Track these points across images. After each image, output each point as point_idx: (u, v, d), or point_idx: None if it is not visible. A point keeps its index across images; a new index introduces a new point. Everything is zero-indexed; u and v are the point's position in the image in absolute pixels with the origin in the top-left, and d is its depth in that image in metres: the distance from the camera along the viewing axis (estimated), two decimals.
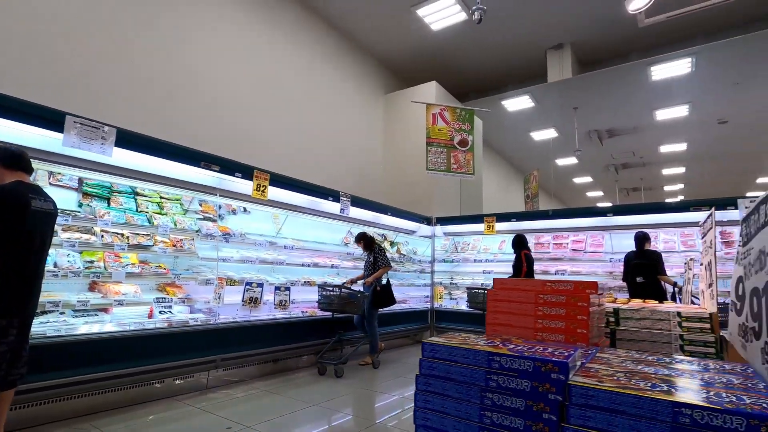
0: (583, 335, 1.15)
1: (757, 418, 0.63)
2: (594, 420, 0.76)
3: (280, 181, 4.87)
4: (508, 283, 1.32)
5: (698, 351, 1.35)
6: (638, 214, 6.28)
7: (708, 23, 7.81)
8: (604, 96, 9.63)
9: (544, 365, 0.84)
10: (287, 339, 4.64)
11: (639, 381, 0.81)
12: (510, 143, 13.24)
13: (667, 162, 13.98)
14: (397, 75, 9.77)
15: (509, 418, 0.84)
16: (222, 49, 6.00)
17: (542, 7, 7.40)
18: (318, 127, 7.55)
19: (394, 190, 8.75)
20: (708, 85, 8.94)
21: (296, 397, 3.70)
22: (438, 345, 0.99)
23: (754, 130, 10.95)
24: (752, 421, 0.63)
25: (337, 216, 5.75)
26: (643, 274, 5.13)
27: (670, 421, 0.69)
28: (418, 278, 7.60)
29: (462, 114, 6.91)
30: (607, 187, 17.33)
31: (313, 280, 5.29)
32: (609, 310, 1.54)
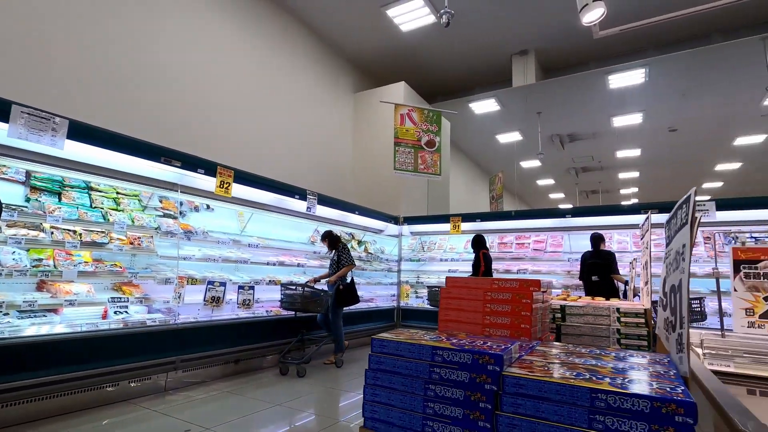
0: (527, 330, 1.23)
1: (659, 401, 0.70)
2: (524, 407, 0.82)
3: (246, 178, 4.79)
4: (459, 282, 1.38)
5: (633, 344, 1.46)
6: (595, 215, 6.59)
7: (659, 37, 8.30)
8: (566, 102, 10.03)
9: (481, 357, 0.89)
10: (250, 339, 4.58)
11: (566, 371, 0.88)
12: (476, 145, 13.54)
13: (623, 166, 14.71)
14: (366, 74, 9.79)
15: (450, 407, 0.89)
16: (187, 42, 5.83)
17: (508, 13, 7.62)
18: (286, 124, 7.46)
19: (362, 189, 8.78)
20: (659, 95, 9.49)
21: (258, 398, 3.66)
22: (386, 341, 1.03)
23: (700, 139, 11.71)
24: (655, 403, 0.70)
25: (304, 214, 5.72)
26: (598, 273, 5.40)
27: (588, 406, 0.76)
28: (385, 277, 7.66)
29: (430, 115, 7.02)
30: (568, 190, 18.04)
31: (279, 279, 5.23)
32: (556, 306, 1.63)
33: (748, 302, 1.88)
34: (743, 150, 12.25)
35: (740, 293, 1.90)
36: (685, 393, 0.75)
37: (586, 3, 3.16)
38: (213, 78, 6.18)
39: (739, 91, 8.99)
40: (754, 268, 1.90)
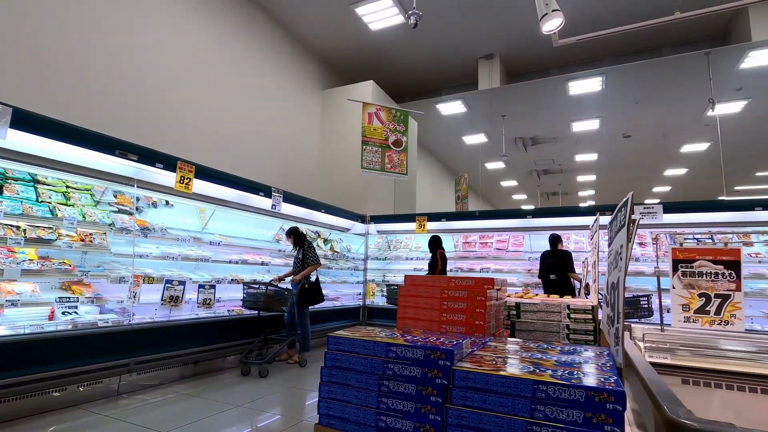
0: (481, 326, 1.27)
1: (593, 390, 0.75)
2: (472, 399, 0.85)
3: (208, 173, 4.66)
4: (417, 280, 1.41)
5: (580, 339, 1.54)
6: (554, 216, 6.85)
7: (615, 48, 8.74)
8: (529, 106, 10.37)
9: (433, 353, 0.92)
10: (211, 339, 4.46)
11: (512, 364, 0.92)
12: (443, 145, 13.75)
13: (581, 170, 15.37)
14: (335, 71, 9.73)
15: (402, 402, 0.92)
16: (148, 32, 5.58)
17: (474, 18, 7.79)
18: (252, 119, 7.30)
19: (329, 187, 8.72)
20: (615, 103, 9.98)
21: (219, 399, 3.57)
22: (342, 338, 1.05)
23: (651, 145, 12.41)
24: (590, 393, 0.75)
25: (269, 212, 5.62)
26: (555, 272, 5.63)
27: (531, 396, 0.80)
28: (352, 275, 7.65)
29: (397, 115, 7.07)
30: (530, 191, 18.64)
31: (242, 278, 5.13)
32: (511, 304, 1.70)
33: (684, 299, 2.04)
34: (689, 157, 13.08)
35: (678, 290, 2.05)
36: (617, 383, 0.81)
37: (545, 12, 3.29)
38: (175, 70, 5.96)
39: (686, 101, 9.60)
40: (690, 267, 2.05)
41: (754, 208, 5.63)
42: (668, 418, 0.88)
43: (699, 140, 11.74)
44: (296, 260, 5.13)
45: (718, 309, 1.97)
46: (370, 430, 0.92)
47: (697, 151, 12.44)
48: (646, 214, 5.92)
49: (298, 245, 5.16)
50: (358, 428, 0.94)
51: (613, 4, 7.30)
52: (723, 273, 1.99)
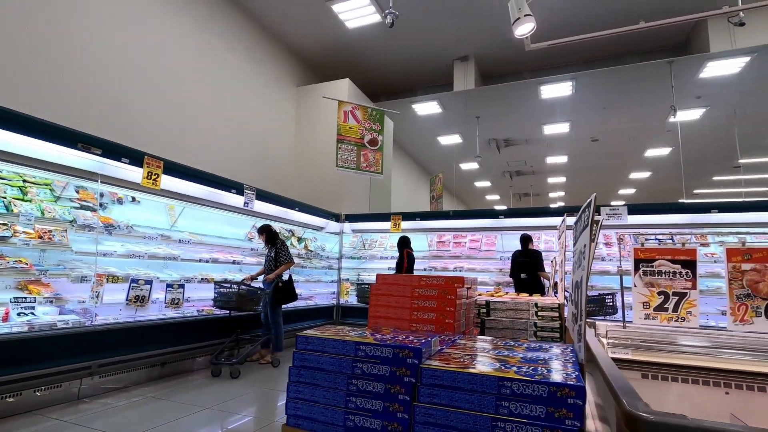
0: (450, 324, 1.29)
1: (555, 386, 0.78)
2: (439, 397, 0.86)
3: (177, 169, 4.53)
4: (389, 279, 1.41)
5: (547, 336, 1.59)
6: (526, 217, 7.02)
7: (585, 54, 9.03)
8: (503, 108, 10.57)
9: (401, 351, 0.93)
10: (179, 340, 4.34)
11: (479, 362, 0.94)
12: (418, 145, 13.84)
13: (552, 172, 15.79)
14: (310, 68, 9.63)
15: (370, 401, 0.92)
16: (116, 19, 5.36)
17: (450, 20, 7.88)
18: (224, 114, 7.13)
19: (304, 186, 8.63)
20: (584, 107, 10.31)
21: (187, 402, 3.48)
22: (311, 337, 1.04)
23: (617, 149, 12.88)
24: (552, 388, 0.78)
25: (241, 210, 5.52)
26: (526, 271, 5.77)
27: (496, 393, 0.82)
28: (326, 274, 7.60)
29: (373, 114, 7.07)
30: (502, 192, 19.01)
31: (212, 277, 5.01)
32: (482, 302, 1.73)
33: (645, 296, 2.13)
34: (652, 161, 13.65)
35: (639, 288, 2.15)
36: (578, 378, 0.83)
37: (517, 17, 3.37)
38: (144, 62, 5.75)
39: (650, 107, 10.01)
40: (650, 266, 2.15)
41: (710, 211, 5.94)
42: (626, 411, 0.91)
43: (662, 145, 12.27)
44: (268, 259, 5.05)
45: (676, 306, 2.08)
46: (338, 429, 0.92)
47: (660, 155, 13.00)
48: (612, 216, 6.14)
49: (270, 243, 5.08)
50: (326, 428, 0.93)
51: (584, 11, 7.53)
52: (680, 272, 2.10)
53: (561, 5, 7.33)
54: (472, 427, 0.81)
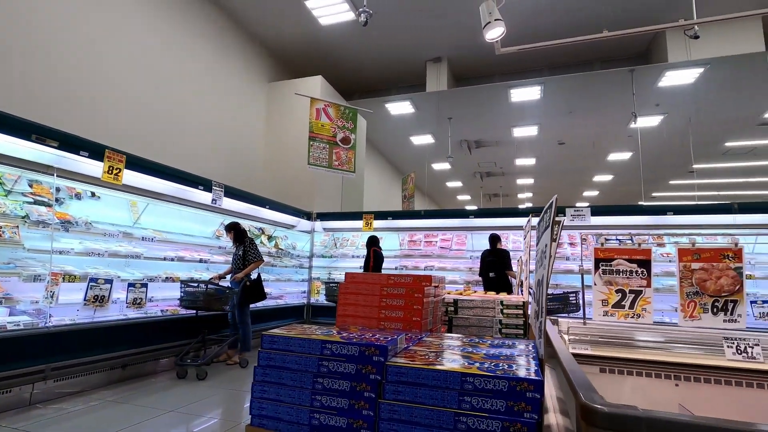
0: (418, 322, 1.31)
1: (514, 380, 0.81)
2: (404, 393, 0.88)
3: (141, 164, 4.36)
4: (357, 278, 1.42)
5: (512, 333, 1.63)
6: (495, 217, 7.17)
7: (553, 60, 9.31)
8: (474, 110, 10.75)
9: (367, 349, 0.94)
10: (142, 341, 4.18)
11: (443, 358, 0.96)
12: (391, 145, 13.90)
13: (521, 173, 16.21)
14: (282, 64, 9.48)
15: (336, 399, 0.92)
16: (76, 5, 5.09)
17: (424, 21, 7.94)
18: (192, 108, 6.92)
19: (275, 183, 8.50)
20: (552, 111, 10.63)
21: (149, 405, 3.36)
22: (276, 336, 1.03)
23: (582, 152, 13.36)
24: (511, 382, 0.81)
25: (209, 207, 5.37)
26: (494, 270, 5.90)
27: (459, 388, 0.84)
28: (297, 273, 7.52)
29: (346, 112, 7.04)
30: (473, 192, 19.36)
31: (177, 276, 4.85)
32: (450, 300, 1.76)
33: (604, 294, 2.23)
34: (615, 165, 14.25)
35: (599, 287, 2.25)
36: (536, 373, 0.87)
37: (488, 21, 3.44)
38: (107, 52, 5.50)
39: (613, 113, 10.44)
40: (609, 265, 2.26)
41: (666, 213, 6.26)
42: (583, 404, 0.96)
43: (623, 150, 12.82)
44: (236, 257, 4.94)
45: (632, 303, 2.19)
46: (303, 428, 0.92)
47: (622, 159, 13.58)
48: (576, 216, 6.37)
49: (238, 242, 4.98)
50: (290, 427, 0.93)
51: (552, 19, 7.77)
52: (636, 271, 2.21)
53: (530, 12, 7.53)
54: (436, 422, 0.83)
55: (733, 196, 16.99)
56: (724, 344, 1.88)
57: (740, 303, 2.06)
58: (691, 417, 0.93)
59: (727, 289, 2.07)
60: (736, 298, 2.06)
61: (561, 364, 1.56)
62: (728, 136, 11.43)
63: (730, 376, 1.80)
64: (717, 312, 2.06)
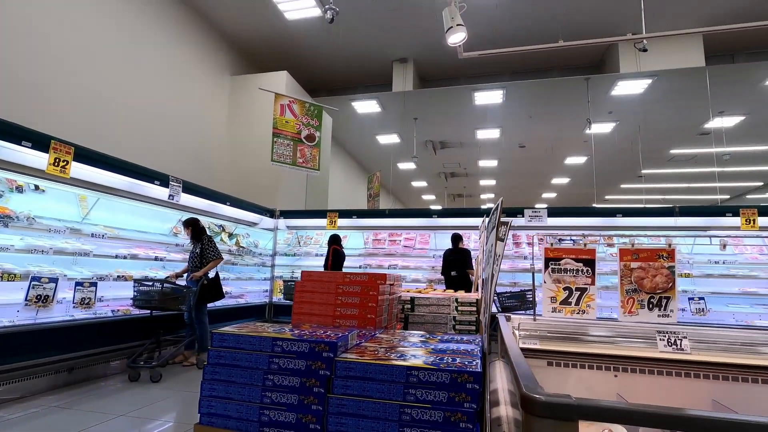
0: (372, 320, 1.34)
1: (455, 373, 0.85)
2: (352, 388, 0.91)
3: (91, 157, 4.14)
4: (313, 276, 1.43)
5: (465, 329, 1.70)
6: (458, 217, 7.33)
7: (514, 65, 9.63)
8: (439, 111, 10.93)
9: (317, 346, 0.96)
10: (90, 343, 3.98)
11: (392, 354, 0.99)
12: (357, 143, 13.89)
13: (484, 175, 16.64)
14: (246, 58, 9.26)
15: (286, 395, 0.94)
16: None
17: (391, 21, 8.00)
18: (150, 100, 6.64)
19: (236, 179, 8.30)
20: (513, 115, 10.99)
21: (97, 410, 3.22)
22: (227, 334, 1.03)
23: (541, 156, 13.89)
24: (453, 375, 0.85)
25: (166, 203, 5.18)
26: (456, 269, 6.04)
27: (404, 381, 0.88)
28: (258, 272, 7.38)
29: (311, 109, 6.98)
30: (438, 192, 19.68)
31: (131, 274, 4.65)
32: (406, 298, 1.80)
33: (552, 292, 2.36)
34: (571, 168, 14.91)
35: (548, 284, 2.37)
36: (477, 366, 0.92)
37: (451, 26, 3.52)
38: (57, 38, 5.17)
39: (569, 119, 10.92)
40: (558, 264, 2.39)
41: (616, 215, 6.63)
42: (523, 394, 1.02)
43: (579, 154, 13.44)
44: (193, 255, 4.80)
45: (578, 300, 2.32)
46: (252, 425, 0.92)
47: (577, 163, 14.23)
48: (534, 218, 6.64)
49: (195, 239, 4.83)
50: (240, 424, 0.93)
51: (514, 26, 8.02)
52: (582, 269, 2.35)
53: (493, 19, 7.75)
54: (382, 414, 0.86)
55: (676, 200, 18.21)
56: (657, 337, 2.04)
57: (672, 299, 2.24)
58: (615, 403, 1.02)
59: (661, 287, 2.24)
60: (669, 295, 2.24)
61: (509, 359, 1.64)
62: (673, 144, 12.24)
63: (662, 366, 1.96)
64: (652, 308, 2.23)
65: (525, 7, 7.56)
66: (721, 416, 0.86)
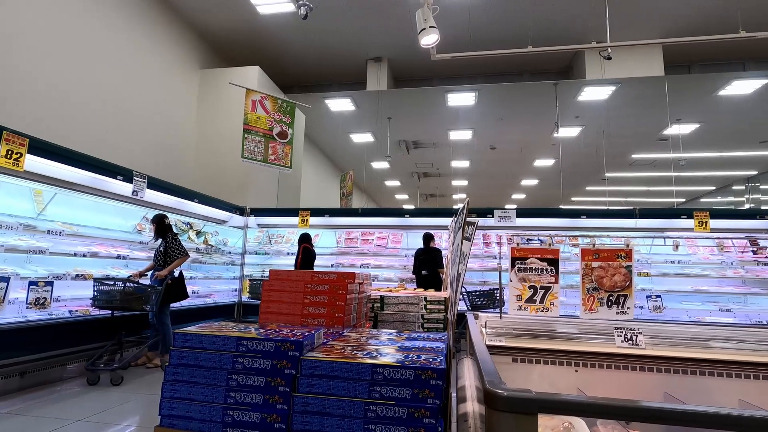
0: (340, 318, 1.34)
1: (419, 370, 0.87)
2: (318, 386, 0.91)
3: (48, 149, 3.94)
4: (282, 275, 1.42)
5: (433, 327, 1.73)
6: (430, 216, 7.41)
7: (486, 68, 9.81)
8: (413, 111, 11.01)
9: (283, 345, 0.96)
10: (45, 346, 3.79)
11: (358, 352, 1.00)
12: (330, 141, 13.81)
13: (456, 175, 16.88)
14: (216, 51, 9.03)
15: (251, 395, 0.93)
16: None
17: (365, 20, 7.99)
18: (114, 93, 6.37)
19: (206, 176, 8.08)
20: (484, 117, 11.20)
21: (52, 416, 3.07)
22: (189, 334, 1.01)
23: (511, 158, 14.22)
24: (417, 371, 0.87)
25: (130, 199, 4.99)
26: (427, 268, 6.11)
27: (369, 379, 0.89)
28: (227, 270, 7.22)
29: (283, 105, 6.88)
30: (411, 192, 19.82)
31: (90, 273, 4.45)
32: (376, 297, 1.81)
33: (518, 290, 2.43)
34: (540, 170, 15.34)
35: (514, 283, 2.45)
36: (441, 362, 0.94)
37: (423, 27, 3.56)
38: (8, 23, 4.88)
39: (538, 122, 11.23)
40: (524, 263, 2.47)
41: (581, 216, 6.88)
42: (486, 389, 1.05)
43: (547, 156, 13.84)
44: (157, 253, 4.65)
45: (542, 298, 2.41)
46: (215, 425, 0.91)
47: (546, 165, 14.66)
48: (503, 218, 6.80)
49: (160, 236, 4.68)
50: (203, 425, 0.91)
51: (487, 29, 8.17)
52: (546, 268, 2.43)
53: (466, 22, 7.87)
54: (347, 411, 0.87)
55: (636, 202, 19.06)
56: (615, 333, 2.14)
57: (629, 297, 2.36)
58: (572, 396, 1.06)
59: (620, 285, 2.35)
60: (626, 293, 2.35)
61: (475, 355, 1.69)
62: (634, 149, 12.81)
63: (619, 361, 2.06)
64: (611, 305, 2.35)
65: (497, 12, 7.72)
66: (669, 407, 0.92)
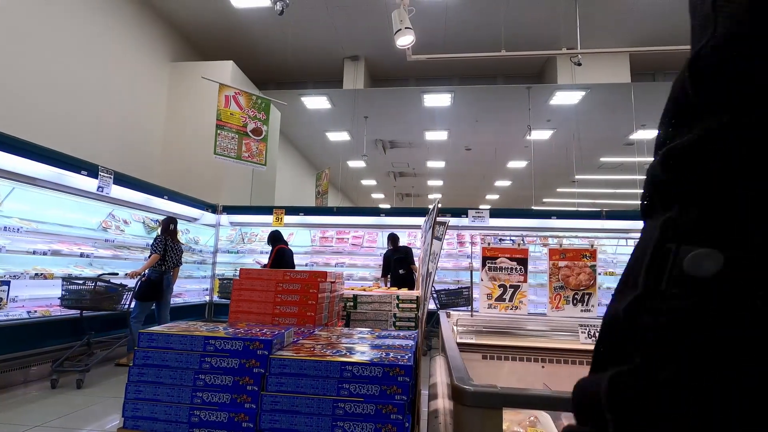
0: (312, 317, 1.35)
1: (387, 366, 0.89)
2: (286, 385, 0.92)
3: (4, 141, 3.75)
4: (252, 273, 1.41)
5: (405, 325, 1.75)
6: (405, 216, 7.47)
7: (462, 70, 9.96)
8: (389, 111, 11.04)
9: (252, 344, 0.95)
10: (1, 348, 3.61)
11: (328, 350, 1.01)
12: (306, 139, 13.68)
13: (432, 175, 17.04)
14: (188, 44, 8.80)
15: (218, 394, 0.93)
16: None
17: (342, 18, 7.96)
18: (77, 84, 6.11)
19: (176, 172, 7.87)
20: (460, 118, 11.35)
21: (10, 421, 2.93)
22: (155, 334, 0.99)
23: (486, 159, 14.47)
24: (385, 368, 0.89)
25: (95, 195, 4.80)
26: (403, 266, 6.15)
27: (338, 377, 0.90)
28: (198, 269, 7.06)
29: (258, 102, 6.77)
30: (387, 191, 19.87)
31: (51, 272, 4.27)
32: (349, 296, 1.82)
33: (489, 289, 2.50)
34: (513, 171, 15.68)
35: (485, 282, 2.51)
36: (409, 359, 0.96)
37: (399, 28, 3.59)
38: None
39: (512, 125, 11.47)
40: (494, 263, 2.53)
41: (551, 217, 7.09)
42: (454, 385, 1.08)
43: (520, 158, 14.16)
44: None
45: (511, 297, 2.48)
46: (181, 426, 0.90)
47: (519, 167, 14.99)
48: (477, 218, 6.92)
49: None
50: (168, 426, 0.90)
51: (463, 32, 8.29)
52: (516, 268, 2.51)
53: (442, 24, 7.96)
54: (316, 409, 0.88)
55: (604, 204, 19.74)
56: (579, 330, 2.23)
57: (594, 295, 2.46)
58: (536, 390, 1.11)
59: (584, 284, 2.45)
60: (591, 291, 2.45)
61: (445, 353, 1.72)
62: (602, 153, 13.26)
63: (583, 356, 2.14)
64: (576, 303, 2.44)
65: (473, 15, 7.84)
66: None
